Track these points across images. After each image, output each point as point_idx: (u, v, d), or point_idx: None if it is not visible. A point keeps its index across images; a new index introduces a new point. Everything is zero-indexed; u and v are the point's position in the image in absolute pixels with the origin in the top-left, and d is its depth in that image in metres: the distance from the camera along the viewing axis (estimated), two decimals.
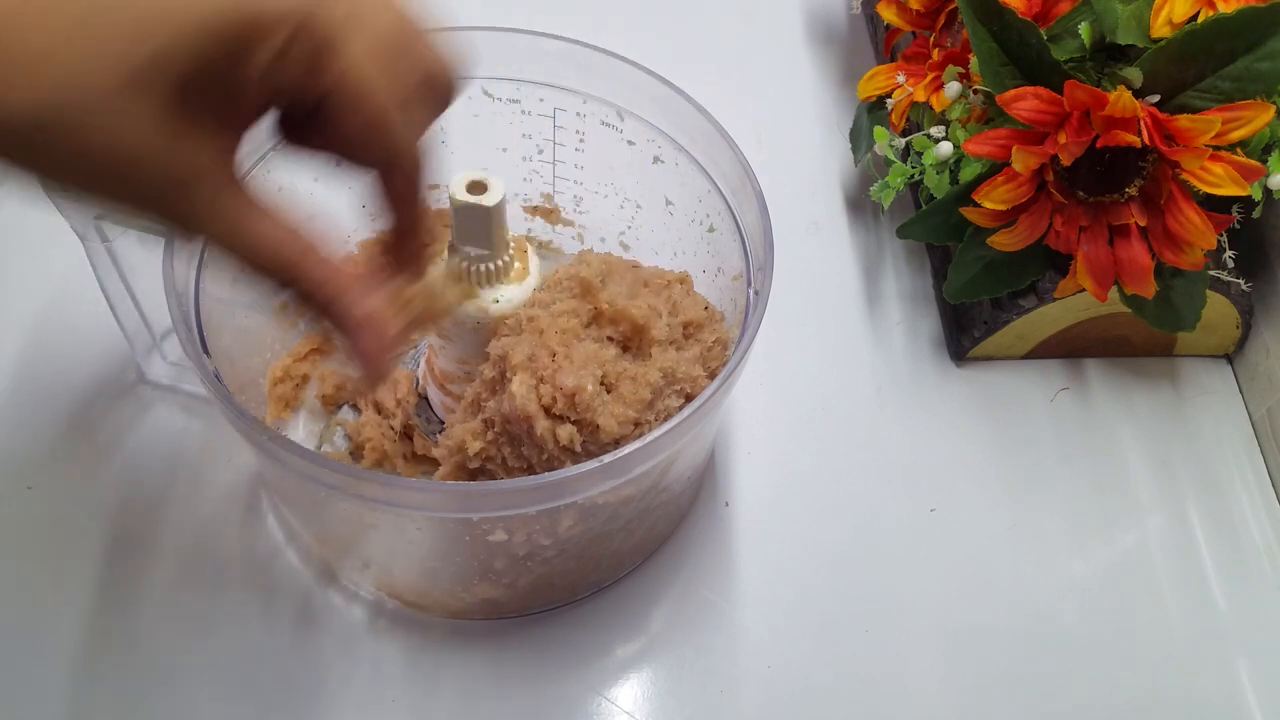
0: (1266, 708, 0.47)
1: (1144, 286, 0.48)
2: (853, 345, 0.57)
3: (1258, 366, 0.55)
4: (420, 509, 0.40)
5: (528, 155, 0.53)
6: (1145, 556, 0.51)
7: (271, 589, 0.47)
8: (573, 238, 0.57)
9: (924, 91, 0.53)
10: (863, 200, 0.63)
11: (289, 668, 0.45)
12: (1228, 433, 0.55)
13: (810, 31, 0.72)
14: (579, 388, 0.39)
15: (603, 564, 0.47)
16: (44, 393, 0.52)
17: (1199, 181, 0.44)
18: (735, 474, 0.52)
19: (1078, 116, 0.44)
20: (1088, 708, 0.46)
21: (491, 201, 0.39)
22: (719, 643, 0.47)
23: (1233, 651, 0.48)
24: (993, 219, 0.49)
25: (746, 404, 0.54)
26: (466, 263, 0.41)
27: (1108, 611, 0.49)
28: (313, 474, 0.37)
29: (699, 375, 0.42)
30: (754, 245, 0.44)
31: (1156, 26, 0.45)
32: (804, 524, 0.51)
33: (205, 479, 0.50)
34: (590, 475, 0.37)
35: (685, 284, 0.45)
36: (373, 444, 0.49)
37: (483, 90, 0.50)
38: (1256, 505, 0.52)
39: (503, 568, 0.43)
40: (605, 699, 0.45)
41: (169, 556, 0.48)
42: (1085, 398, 0.56)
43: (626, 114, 0.49)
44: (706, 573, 0.49)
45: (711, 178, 0.47)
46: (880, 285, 0.60)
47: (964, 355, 0.56)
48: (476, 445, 0.41)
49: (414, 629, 0.47)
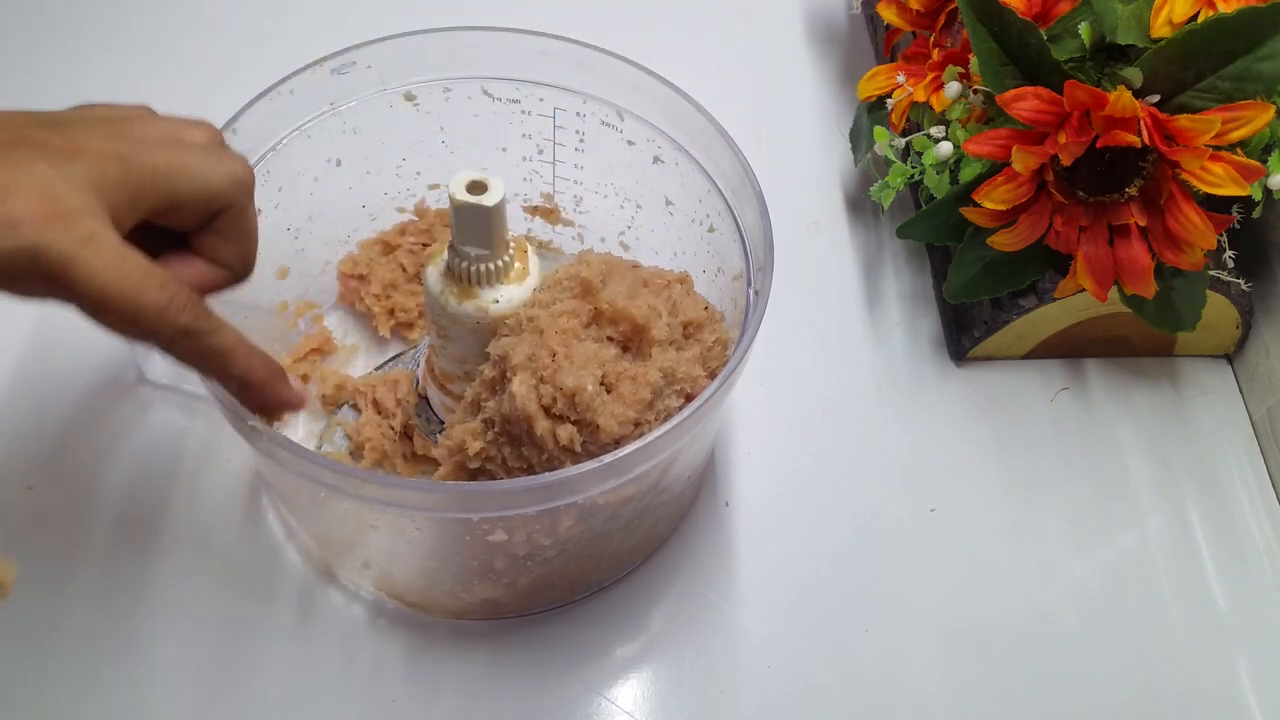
0: (1266, 707, 0.47)
1: (1144, 286, 0.48)
2: (853, 345, 0.57)
3: (1258, 366, 0.55)
4: (420, 509, 0.40)
5: (528, 155, 0.53)
6: (1145, 556, 0.51)
7: (271, 589, 0.47)
8: (573, 238, 0.57)
9: (924, 91, 0.53)
10: (863, 200, 0.63)
11: (289, 668, 0.45)
12: (1228, 433, 0.55)
13: (810, 31, 0.72)
14: (579, 388, 0.39)
15: (603, 564, 0.47)
16: (44, 393, 0.52)
17: (1199, 181, 0.44)
18: (735, 474, 0.52)
19: (1078, 116, 0.44)
20: (1088, 708, 0.46)
21: (491, 201, 0.39)
22: (719, 643, 0.47)
23: (1233, 651, 0.48)
24: (993, 219, 0.49)
25: (746, 404, 0.54)
26: (466, 263, 0.41)
27: (1108, 611, 0.49)
28: (312, 474, 0.37)
29: (699, 375, 0.42)
30: (754, 245, 0.44)
31: (1156, 26, 0.45)
32: (804, 524, 0.51)
33: (205, 479, 0.50)
34: (590, 475, 0.37)
35: (685, 284, 0.45)
36: (373, 444, 0.49)
37: (483, 90, 0.50)
38: (1256, 505, 0.52)
39: (503, 568, 0.43)
40: (605, 699, 0.46)
41: (169, 557, 0.48)
42: (1085, 398, 0.56)
43: (626, 114, 0.49)
44: (706, 573, 0.49)
45: (711, 178, 0.47)
46: (880, 285, 0.60)
47: (964, 355, 0.56)
48: (476, 445, 0.41)
49: (414, 629, 0.47)
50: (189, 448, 0.51)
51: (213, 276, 0.36)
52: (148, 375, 0.52)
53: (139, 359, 0.52)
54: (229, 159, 0.35)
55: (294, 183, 0.49)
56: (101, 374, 0.53)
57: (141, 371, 0.52)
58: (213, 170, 0.34)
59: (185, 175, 0.33)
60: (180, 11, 0.70)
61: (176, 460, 0.51)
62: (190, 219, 0.35)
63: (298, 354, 0.52)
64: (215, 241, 0.35)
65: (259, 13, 0.70)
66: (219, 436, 0.51)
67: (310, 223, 0.52)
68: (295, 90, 0.46)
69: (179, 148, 0.34)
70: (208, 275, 0.36)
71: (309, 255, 0.53)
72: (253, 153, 0.46)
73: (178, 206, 0.34)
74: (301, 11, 0.70)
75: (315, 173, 0.50)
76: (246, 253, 0.36)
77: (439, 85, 0.50)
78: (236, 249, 0.36)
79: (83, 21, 0.68)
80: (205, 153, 0.34)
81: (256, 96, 0.45)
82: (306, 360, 0.52)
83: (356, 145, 0.50)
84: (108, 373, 0.53)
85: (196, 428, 0.52)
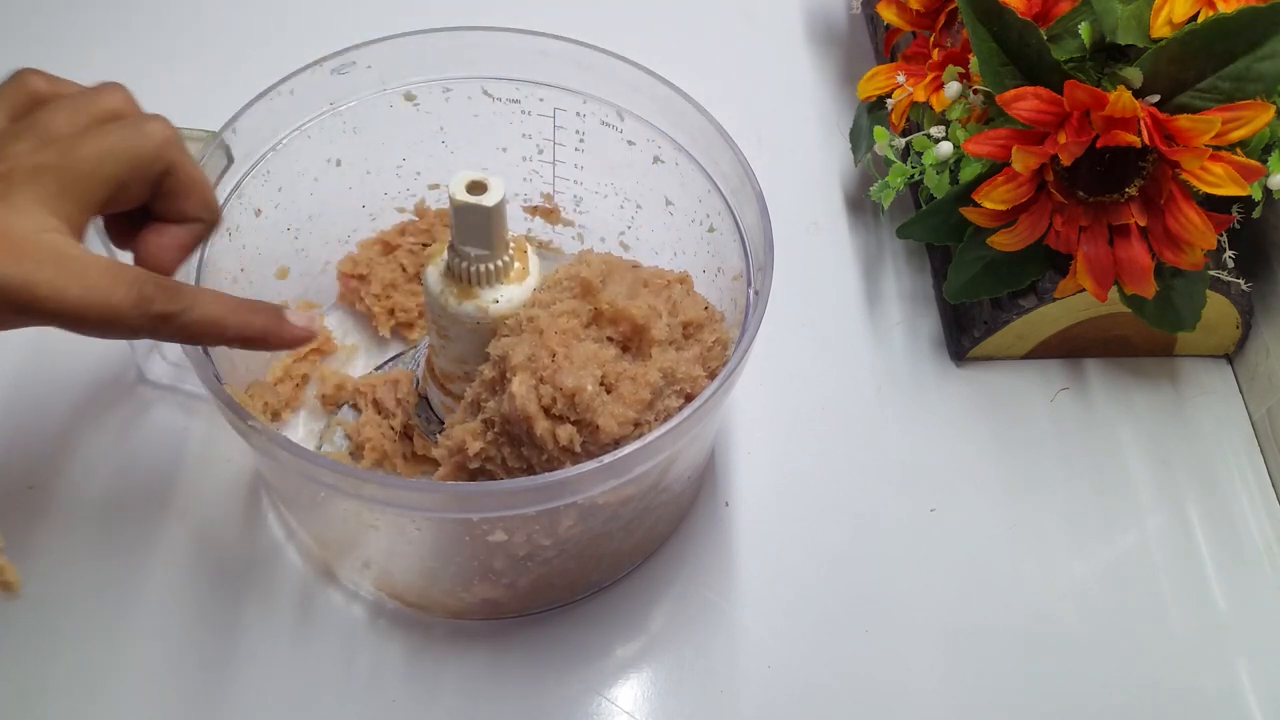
0: (1266, 707, 0.47)
1: (1144, 286, 0.48)
2: (853, 345, 0.57)
3: (1258, 366, 0.55)
4: (420, 509, 0.40)
5: (528, 155, 0.53)
6: (1145, 556, 0.51)
7: (271, 589, 0.47)
8: (573, 238, 0.57)
9: (924, 91, 0.53)
10: (863, 200, 0.63)
11: (289, 667, 0.45)
12: (1228, 433, 0.55)
13: (810, 31, 0.72)
14: (579, 388, 0.39)
15: (603, 564, 0.47)
16: (44, 393, 0.52)
17: (1199, 181, 0.44)
18: (735, 474, 0.52)
19: (1078, 116, 0.44)
20: (1088, 708, 0.46)
21: (491, 201, 0.39)
22: (719, 643, 0.47)
23: (1233, 651, 0.48)
24: (993, 219, 0.49)
25: (746, 404, 0.54)
26: (466, 263, 0.41)
27: (1108, 611, 0.49)
28: (312, 474, 0.37)
29: (699, 375, 0.42)
30: (754, 245, 0.44)
31: (1156, 26, 0.45)
32: (804, 524, 0.51)
33: (205, 479, 0.50)
34: (590, 475, 0.37)
35: (685, 284, 0.45)
36: (373, 444, 0.49)
37: (483, 90, 0.50)
38: (1256, 505, 0.52)
39: (503, 568, 0.43)
40: (605, 699, 0.46)
41: (169, 556, 0.48)
42: (1085, 398, 0.56)
43: (626, 114, 0.49)
44: (706, 573, 0.49)
45: (711, 178, 0.47)
46: (880, 285, 0.60)
47: (964, 355, 0.56)
48: (476, 445, 0.41)
49: (414, 629, 0.47)
50: (189, 448, 0.51)
51: (188, 234, 0.36)
52: (148, 375, 0.53)
53: (139, 359, 0.52)
54: (147, 123, 0.35)
55: (294, 183, 0.49)
56: (101, 374, 0.53)
57: (141, 371, 0.52)
58: (138, 142, 0.34)
59: (116, 158, 0.33)
60: (180, 11, 0.70)
61: (176, 460, 0.51)
62: (138, 194, 0.35)
63: (298, 354, 0.52)
64: (172, 203, 0.36)
65: (259, 13, 0.70)
66: (219, 436, 0.51)
67: (310, 223, 0.52)
68: (295, 90, 0.46)
69: (99, 132, 0.34)
70: (183, 235, 0.36)
71: (309, 255, 0.53)
72: (253, 153, 0.46)
73: (122, 189, 0.34)
74: (301, 11, 0.70)
75: (315, 173, 0.50)
76: (205, 200, 0.37)
77: (439, 85, 0.50)
78: (194, 201, 0.36)
79: (82, 21, 0.68)
80: (124, 126, 0.34)
81: (256, 96, 0.45)
82: (306, 360, 0.52)
83: (356, 145, 0.50)
84: (108, 373, 0.53)
85: (196, 428, 0.52)
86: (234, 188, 0.46)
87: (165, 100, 0.37)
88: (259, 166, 0.47)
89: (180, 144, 0.36)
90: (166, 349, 0.52)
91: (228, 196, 0.45)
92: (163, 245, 0.36)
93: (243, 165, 0.46)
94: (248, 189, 0.46)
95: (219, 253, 0.45)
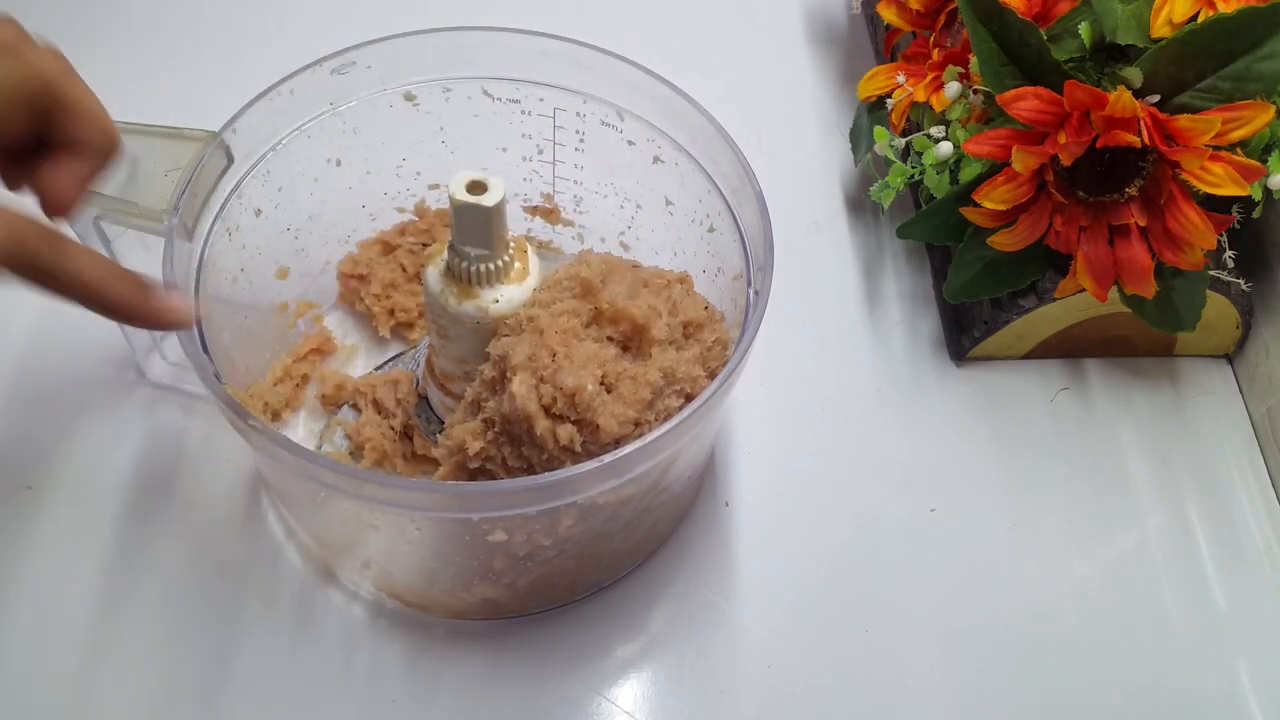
0: (1266, 707, 0.47)
1: (1144, 286, 0.48)
2: (853, 345, 0.57)
3: (1258, 366, 0.55)
4: (420, 509, 0.40)
5: (528, 155, 0.53)
6: (1145, 556, 0.51)
7: (271, 589, 0.47)
8: (573, 238, 0.57)
9: (924, 91, 0.53)
10: (863, 200, 0.63)
11: (289, 668, 0.45)
12: (1228, 433, 0.55)
13: (810, 31, 0.72)
14: (579, 388, 0.39)
15: (603, 564, 0.47)
16: (44, 393, 0.52)
17: (1199, 181, 0.44)
18: (735, 474, 0.52)
19: (1078, 116, 0.44)
20: (1088, 708, 0.46)
21: (491, 201, 0.39)
22: (719, 643, 0.47)
23: (1233, 651, 0.48)
24: (993, 219, 0.49)
25: (746, 404, 0.54)
26: (466, 263, 0.41)
27: (1108, 611, 0.49)
28: (312, 474, 0.37)
29: (699, 375, 0.42)
30: (754, 245, 0.44)
31: (1156, 26, 0.45)
32: (804, 524, 0.51)
33: (205, 479, 0.50)
34: (590, 475, 0.37)
35: (685, 284, 0.45)
36: (372, 444, 0.49)
37: (483, 90, 0.50)
38: (1256, 505, 0.52)
39: (503, 568, 0.43)
40: (605, 699, 0.46)
41: (169, 556, 0.48)
42: (1085, 398, 0.56)
43: (626, 114, 0.49)
44: (706, 573, 0.49)
45: (711, 178, 0.47)
46: (880, 285, 0.60)
47: (964, 355, 0.56)
48: (476, 445, 0.41)
49: (414, 629, 0.47)
50: (189, 448, 0.51)
51: (86, 166, 0.36)
52: (148, 375, 0.53)
53: (139, 359, 0.52)
54: (31, 53, 0.34)
55: (294, 183, 0.49)
56: (101, 374, 0.53)
57: (141, 371, 0.52)
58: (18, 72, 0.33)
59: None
60: (180, 11, 0.70)
61: (176, 460, 0.51)
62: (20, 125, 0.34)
63: (298, 354, 0.52)
64: (65, 133, 0.35)
65: (259, 13, 0.70)
66: (219, 436, 0.51)
67: (310, 223, 0.52)
68: (295, 90, 0.46)
69: None
70: (80, 167, 0.36)
71: (309, 255, 0.53)
72: (253, 153, 0.46)
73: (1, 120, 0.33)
74: (301, 11, 0.70)
75: (315, 173, 0.50)
76: (101, 127, 0.36)
77: (439, 85, 0.50)
78: (88, 129, 0.35)
79: (82, 21, 0.68)
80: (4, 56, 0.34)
81: (256, 96, 0.45)
82: (306, 360, 0.52)
83: (356, 145, 0.50)
84: (108, 373, 0.53)
85: (196, 428, 0.52)
86: (234, 188, 0.46)
87: (165, 100, 0.37)
88: (259, 166, 0.47)
89: (72, 75, 0.35)
90: (166, 349, 0.52)
91: (228, 196, 0.45)
92: (58, 178, 0.35)
93: (243, 165, 0.46)
94: (248, 189, 0.46)
95: (219, 253, 0.45)
